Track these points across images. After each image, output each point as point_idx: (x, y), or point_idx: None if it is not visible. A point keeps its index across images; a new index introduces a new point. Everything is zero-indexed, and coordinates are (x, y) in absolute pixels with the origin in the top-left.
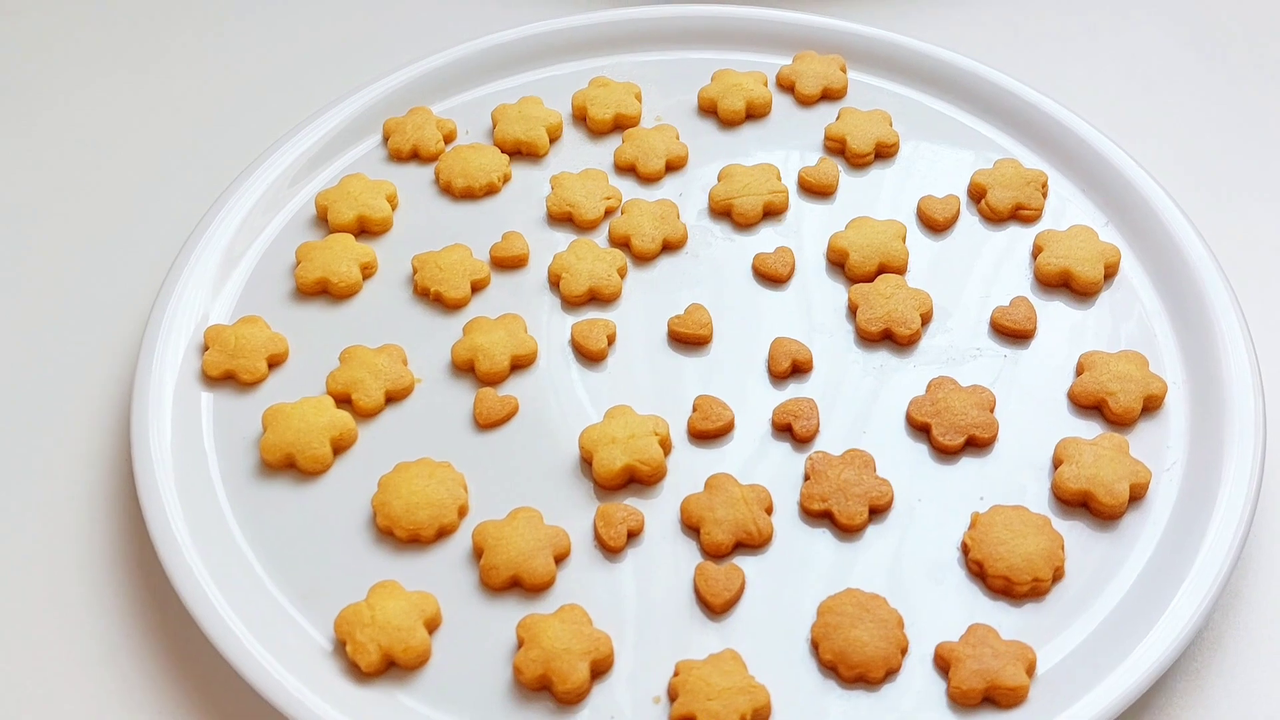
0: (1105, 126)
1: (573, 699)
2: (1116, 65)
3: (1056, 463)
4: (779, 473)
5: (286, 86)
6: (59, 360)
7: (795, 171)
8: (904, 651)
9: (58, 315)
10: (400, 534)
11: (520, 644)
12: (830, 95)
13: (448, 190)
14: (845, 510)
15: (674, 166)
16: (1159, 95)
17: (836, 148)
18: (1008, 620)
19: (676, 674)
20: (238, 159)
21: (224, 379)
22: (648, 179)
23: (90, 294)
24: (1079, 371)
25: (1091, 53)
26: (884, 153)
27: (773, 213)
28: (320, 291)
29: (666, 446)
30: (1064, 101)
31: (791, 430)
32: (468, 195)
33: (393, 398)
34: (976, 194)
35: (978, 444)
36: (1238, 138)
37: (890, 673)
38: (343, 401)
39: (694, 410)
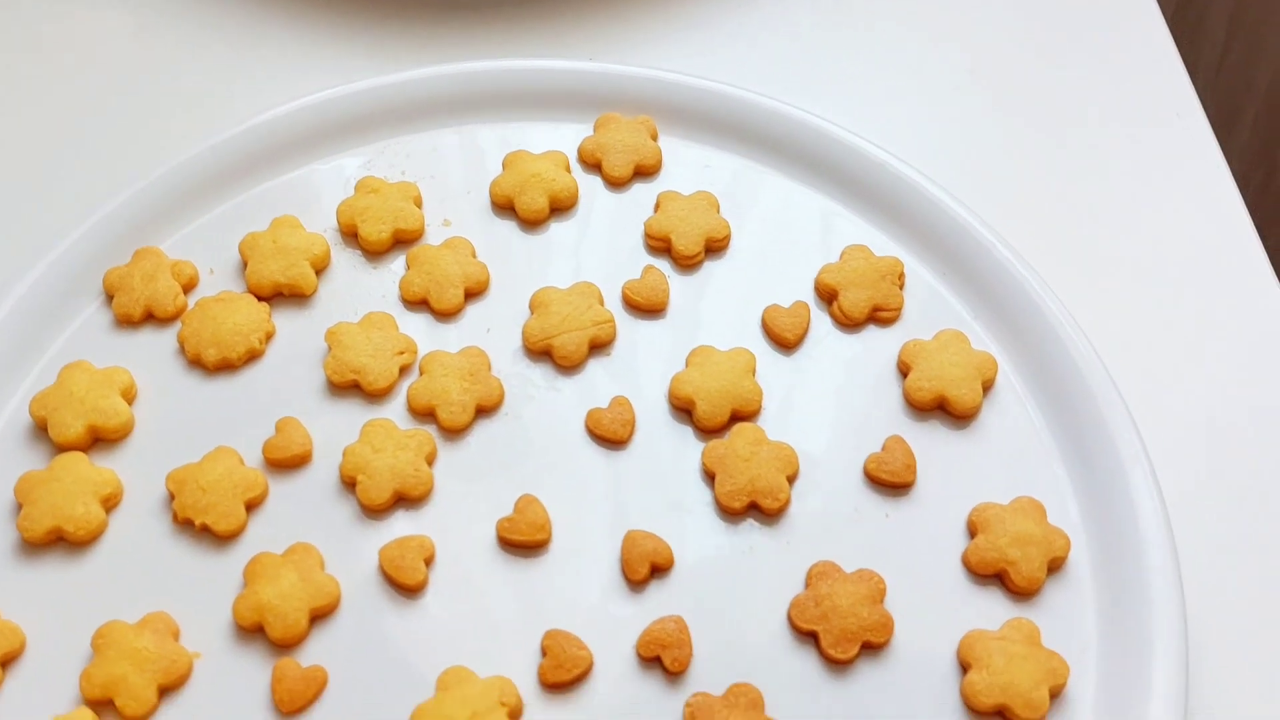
0: (960, 193)
1: None
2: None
3: (964, 664)
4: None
5: None
6: None
7: (618, 287)
8: None
9: None
10: None
11: None
12: (643, 171)
13: (197, 363)
14: None
15: (474, 293)
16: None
17: (660, 247)
18: None
19: None
20: None
21: None
22: (445, 315)
23: None
24: (971, 531)
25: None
26: (714, 247)
27: (599, 345)
28: (54, 541)
29: (517, 714)
30: (913, 162)
31: (661, 662)
32: (224, 367)
33: (168, 689)
34: (826, 294)
35: (873, 647)
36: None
37: None
38: (103, 706)
39: (544, 655)
